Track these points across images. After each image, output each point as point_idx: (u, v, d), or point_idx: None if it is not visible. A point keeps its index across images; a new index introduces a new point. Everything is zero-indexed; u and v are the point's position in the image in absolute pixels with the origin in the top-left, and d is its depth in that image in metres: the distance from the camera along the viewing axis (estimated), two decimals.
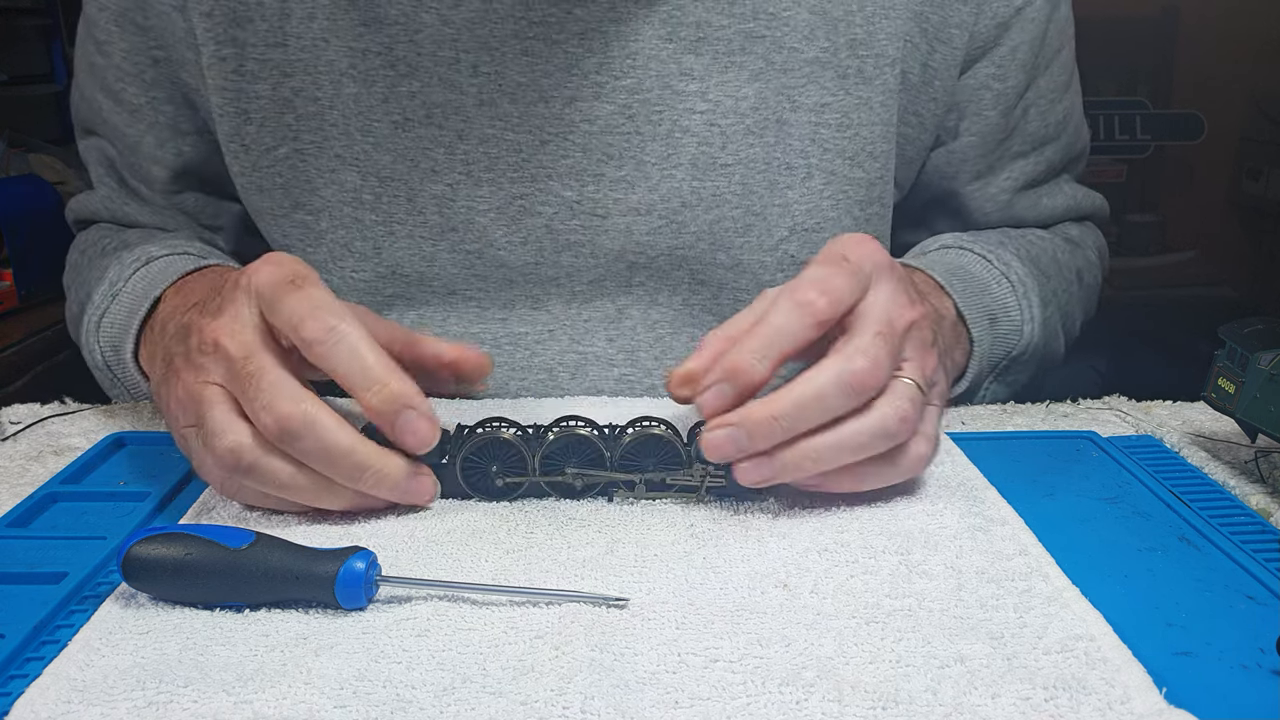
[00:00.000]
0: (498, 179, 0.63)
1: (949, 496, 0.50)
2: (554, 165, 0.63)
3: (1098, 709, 0.35)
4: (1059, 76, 0.72)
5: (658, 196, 0.63)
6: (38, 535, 0.48)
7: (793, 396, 0.45)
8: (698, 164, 0.63)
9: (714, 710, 0.35)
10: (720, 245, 0.65)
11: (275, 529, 0.46)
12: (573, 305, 0.66)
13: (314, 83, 0.63)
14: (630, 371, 0.67)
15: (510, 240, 0.64)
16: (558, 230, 0.64)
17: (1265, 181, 1.77)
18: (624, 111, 0.62)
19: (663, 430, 0.50)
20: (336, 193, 0.64)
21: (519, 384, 0.68)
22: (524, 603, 0.41)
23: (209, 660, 0.38)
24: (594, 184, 0.63)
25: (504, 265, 0.65)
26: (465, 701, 0.35)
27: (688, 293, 0.66)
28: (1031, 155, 0.73)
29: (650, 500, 0.50)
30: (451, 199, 0.64)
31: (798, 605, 0.41)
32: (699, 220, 0.64)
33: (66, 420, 0.63)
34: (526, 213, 0.64)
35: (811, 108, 0.64)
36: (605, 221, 0.64)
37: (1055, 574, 0.43)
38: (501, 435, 0.50)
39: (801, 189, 0.65)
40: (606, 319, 0.67)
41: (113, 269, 0.64)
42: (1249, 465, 0.55)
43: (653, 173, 0.63)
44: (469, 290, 0.66)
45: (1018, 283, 0.66)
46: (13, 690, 0.37)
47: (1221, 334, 0.54)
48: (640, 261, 0.65)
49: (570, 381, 0.67)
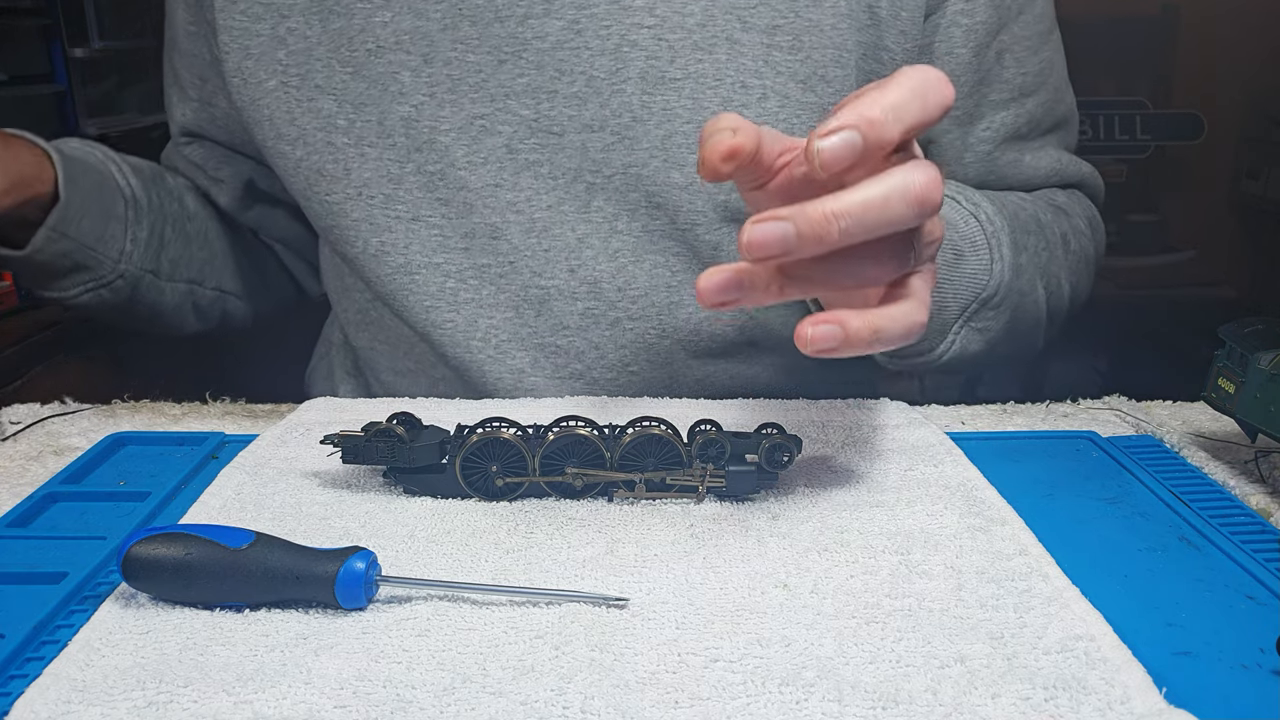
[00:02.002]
0: (459, 100, 0.65)
1: (949, 496, 0.50)
2: (511, 84, 0.65)
3: (1098, 709, 0.35)
4: (1036, 25, 0.72)
5: (609, 112, 0.64)
6: (38, 535, 0.48)
7: (857, 197, 0.39)
8: (647, 78, 0.64)
9: (714, 710, 0.35)
10: (674, 162, 0.65)
11: (275, 529, 0.46)
12: (532, 235, 0.67)
13: (305, 21, 0.67)
14: (594, 305, 0.68)
15: (471, 159, 0.66)
16: (517, 149, 0.66)
17: (1265, 181, 1.77)
18: (572, 27, 0.64)
19: (663, 430, 0.50)
20: (313, 120, 0.67)
21: (487, 323, 0.68)
22: (524, 603, 0.41)
23: (209, 660, 0.38)
24: (548, 101, 0.65)
25: (465, 188, 0.66)
26: (465, 701, 0.35)
27: (646, 218, 0.67)
28: (1012, 106, 0.73)
29: (650, 500, 0.50)
30: (416, 119, 0.66)
31: (798, 605, 0.41)
32: (651, 135, 0.65)
33: (66, 420, 0.63)
34: (487, 132, 0.66)
35: (763, 29, 0.64)
36: (561, 139, 0.65)
37: (1055, 574, 0.43)
38: (501, 435, 0.50)
39: (757, 109, 0.65)
40: (567, 248, 0.67)
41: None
42: (1249, 465, 0.55)
43: (603, 88, 0.64)
44: (432, 216, 0.67)
45: (986, 222, 0.65)
46: (13, 690, 0.37)
47: (1221, 334, 0.54)
48: (597, 182, 0.66)
49: (536, 319, 0.68)
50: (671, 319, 0.68)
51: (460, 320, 0.68)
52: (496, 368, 0.69)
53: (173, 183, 0.78)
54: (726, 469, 0.50)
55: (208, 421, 0.64)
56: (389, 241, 0.68)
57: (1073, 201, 0.78)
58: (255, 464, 0.54)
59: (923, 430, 0.59)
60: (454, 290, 0.68)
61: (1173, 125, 1.84)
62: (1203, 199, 1.91)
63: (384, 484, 0.52)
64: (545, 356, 0.69)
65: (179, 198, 0.77)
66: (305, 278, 0.90)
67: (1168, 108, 1.85)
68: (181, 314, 0.78)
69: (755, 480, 0.50)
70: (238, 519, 0.48)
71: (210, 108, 0.76)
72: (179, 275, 0.76)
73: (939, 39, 0.69)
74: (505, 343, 0.68)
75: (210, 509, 0.49)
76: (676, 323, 0.68)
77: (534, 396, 0.68)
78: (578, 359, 0.69)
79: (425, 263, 0.68)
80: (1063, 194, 0.78)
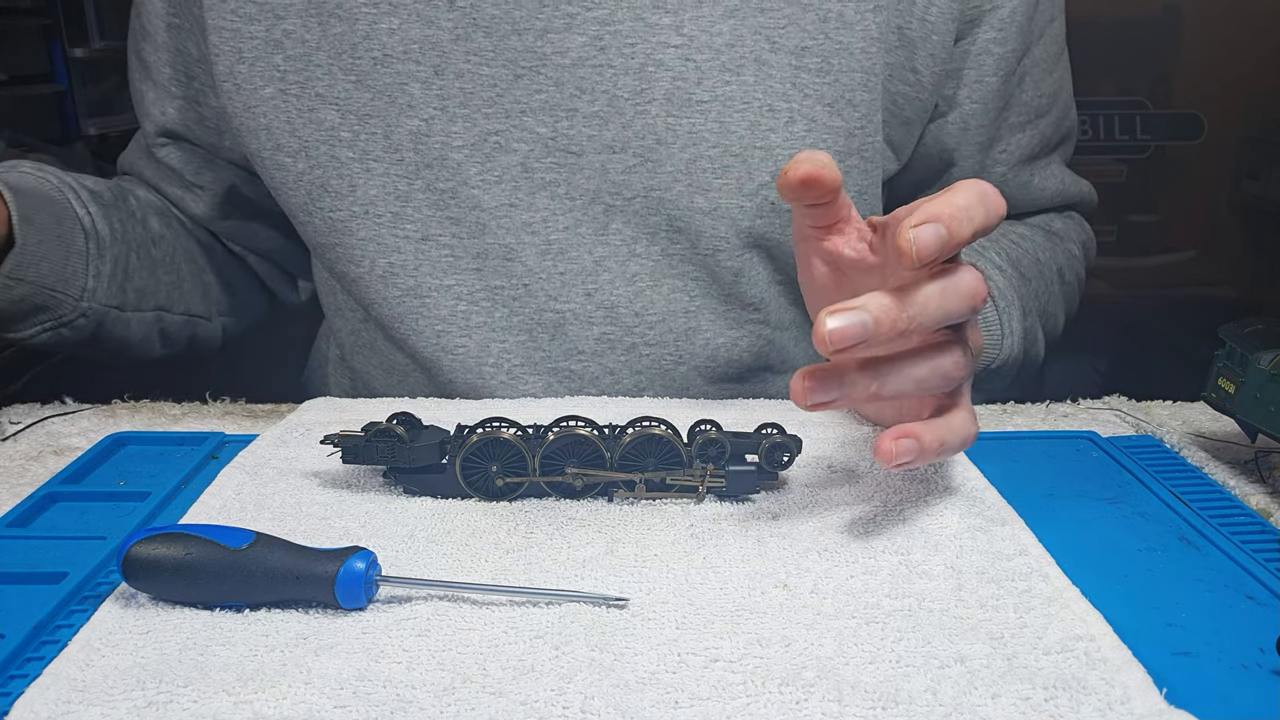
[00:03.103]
0: (472, 115, 0.63)
1: (949, 496, 0.50)
2: (528, 100, 0.63)
3: (1098, 709, 0.35)
4: (1051, 47, 0.72)
5: (632, 133, 0.63)
6: (38, 535, 0.48)
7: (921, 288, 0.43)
8: (672, 99, 0.62)
9: (714, 710, 0.35)
10: (698, 187, 0.63)
11: (275, 529, 0.46)
12: (547, 257, 0.65)
13: (304, 25, 0.64)
14: (610, 330, 0.66)
15: (484, 178, 0.64)
16: (532, 168, 0.64)
17: (1265, 181, 1.77)
18: (595, 44, 0.62)
19: (663, 430, 0.50)
20: (315, 131, 0.65)
21: (499, 347, 0.67)
22: (524, 603, 0.41)
23: (209, 660, 0.38)
24: (567, 119, 0.63)
25: (478, 207, 0.64)
26: (465, 701, 0.35)
27: (666, 242, 0.65)
28: (1028, 128, 0.73)
29: (650, 500, 0.50)
30: (426, 134, 0.63)
31: (798, 605, 0.41)
32: (675, 159, 0.63)
33: (66, 420, 0.63)
34: (501, 149, 0.63)
35: (791, 50, 0.63)
36: (580, 159, 0.63)
37: (1055, 574, 0.43)
38: (501, 435, 0.50)
39: (785, 133, 0.64)
40: (583, 272, 0.65)
41: None
42: (1249, 465, 0.55)
43: (626, 108, 0.62)
44: (442, 236, 0.65)
45: (999, 296, 0.66)
46: (13, 690, 0.37)
47: (1221, 334, 0.54)
48: (616, 204, 0.64)
49: (550, 344, 0.66)
50: (689, 345, 0.67)
51: (472, 345, 0.66)
52: (508, 393, 0.67)
53: (135, 204, 0.73)
54: (726, 469, 0.50)
55: (208, 421, 0.64)
56: (397, 263, 0.66)
57: (1069, 225, 0.79)
58: (255, 464, 0.54)
59: None
60: (465, 314, 0.66)
61: (1173, 125, 1.84)
62: (1203, 199, 1.91)
63: (384, 484, 0.52)
64: (559, 381, 0.67)
65: (143, 220, 0.73)
66: (281, 287, 0.86)
67: (1168, 108, 1.85)
68: (148, 343, 0.74)
69: (755, 480, 0.50)
70: (238, 519, 0.48)
71: (197, 107, 0.73)
72: (145, 304, 0.72)
73: (969, 65, 0.69)
74: (518, 368, 0.67)
75: (210, 509, 0.49)
76: (693, 348, 0.67)
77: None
78: (592, 384, 0.67)
79: (436, 285, 0.66)
80: (1059, 218, 0.79)
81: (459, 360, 0.67)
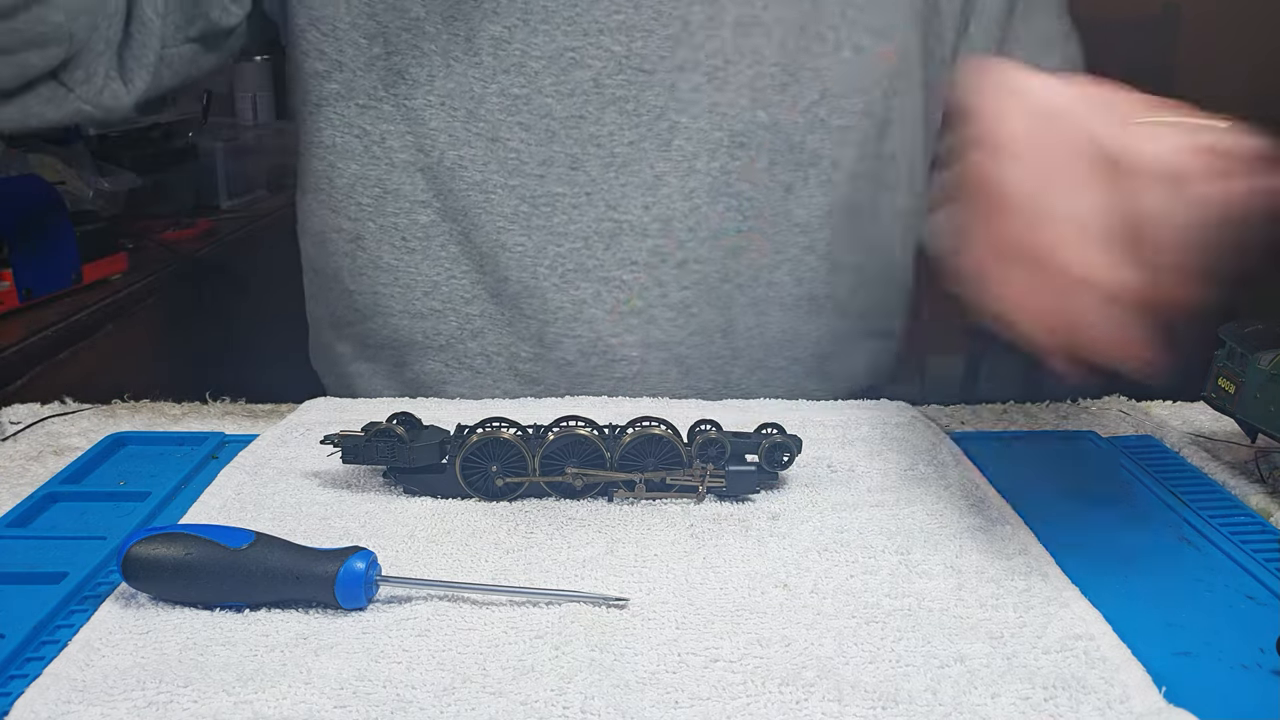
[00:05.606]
0: (553, 31, 0.66)
1: (949, 496, 0.50)
2: (606, 20, 0.66)
3: (1097, 708, 0.35)
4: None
5: (702, 54, 0.66)
6: (38, 535, 0.48)
7: None
8: (741, 23, 0.66)
9: (714, 710, 0.35)
10: (760, 102, 0.67)
11: (275, 529, 0.46)
12: (610, 168, 0.68)
13: None
14: (663, 243, 0.68)
15: (558, 89, 0.66)
16: (604, 84, 0.66)
17: None
18: None
19: (663, 430, 0.50)
20: (398, 19, 0.67)
21: (555, 250, 0.68)
22: (524, 603, 0.41)
23: (209, 660, 0.38)
24: (642, 40, 0.66)
25: (548, 115, 0.67)
26: (465, 701, 0.35)
27: (726, 158, 0.68)
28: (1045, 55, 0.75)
29: (650, 500, 0.50)
30: (508, 41, 0.66)
31: (798, 605, 0.41)
32: (741, 75, 0.66)
33: (66, 420, 0.63)
34: (576, 65, 0.66)
35: None
36: (651, 77, 0.66)
37: (1055, 574, 0.43)
38: (501, 435, 0.50)
39: (833, 58, 0.68)
40: (643, 185, 0.68)
41: None
42: (1249, 465, 0.55)
43: (698, 32, 0.66)
44: (511, 139, 0.67)
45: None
46: (13, 690, 0.37)
47: (1221, 334, 0.54)
48: (681, 121, 0.67)
49: (605, 253, 0.68)
50: (736, 263, 0.69)
51: (530, 245, 0.68)
52: (559, 296, 0.69)
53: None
54: (726, 469, 0.50)
55: (208, 421, 0.64)
56: (467, 156, 0.68)
57: None
58: (255, 464, 0.54)
59: (923, 430, 0.59)
60: (527, 215, 0.68)
61: None
62: None
63: (384, 484, 0.52)
64: (608, 290, 0.69)
65: None
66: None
67: None
68: None
69: (755, 480, 0.50)
70: (238, 519, 0.48)
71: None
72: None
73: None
74: (571, 272, 0.68)
75: (210, 509, 0.49)
76: (739, 267, 0.69)
77: (591, 329, 0.68)
78: (640, 295, 0.69)
79: (501, 184, 0.68)
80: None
81: (515, 258, 0.68)
